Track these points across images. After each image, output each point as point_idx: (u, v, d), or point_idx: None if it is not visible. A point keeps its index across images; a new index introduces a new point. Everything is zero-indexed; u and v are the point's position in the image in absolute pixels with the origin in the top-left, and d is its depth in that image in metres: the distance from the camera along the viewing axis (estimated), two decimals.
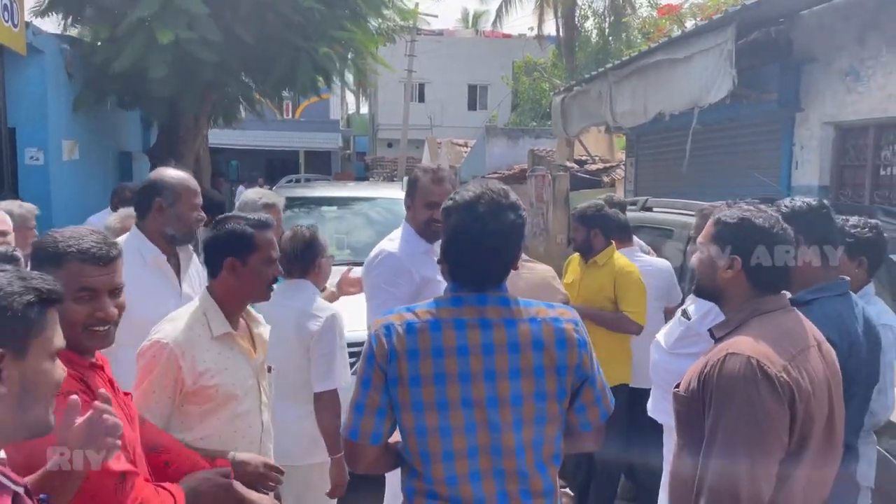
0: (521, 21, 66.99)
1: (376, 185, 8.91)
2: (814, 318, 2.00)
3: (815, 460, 1.80)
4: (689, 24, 9.73)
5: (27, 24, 7.31)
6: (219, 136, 16.62)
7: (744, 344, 1.76)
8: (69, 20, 8.99)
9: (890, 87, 5.78)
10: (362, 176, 29.69)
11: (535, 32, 24.47)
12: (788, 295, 1.97)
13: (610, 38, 21.53)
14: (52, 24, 8.89)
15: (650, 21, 17.28)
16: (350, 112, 42.68)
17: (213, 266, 2.32)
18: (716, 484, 1.72)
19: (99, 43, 8.13)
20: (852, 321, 2.24)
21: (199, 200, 2.90)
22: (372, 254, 3.00)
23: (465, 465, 1.75)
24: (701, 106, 6.66)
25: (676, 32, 8.22)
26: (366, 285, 3.02)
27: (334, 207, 6.18)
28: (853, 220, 2.89)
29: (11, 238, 3.21)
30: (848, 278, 2.39)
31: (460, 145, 22.85)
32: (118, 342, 1.82)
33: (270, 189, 7.10)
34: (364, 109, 42.37)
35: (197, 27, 7.70)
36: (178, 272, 2.89)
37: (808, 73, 6.70)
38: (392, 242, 3.02)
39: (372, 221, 5.81)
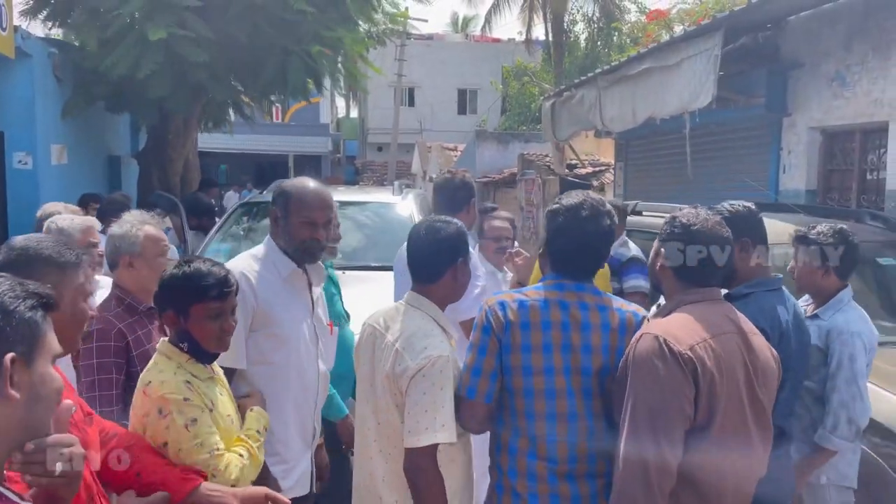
0: (510, 26, 67.21)
1: (366, 190, 8.91)
2: (749, 309, 2.22)
3: (737, 438, 1.94)
4: (678, 29, 9.81)
5: (16, 28, 7.28)
6: (208, 141, 16.57)
7: (656, 326, 1.98)
8: (56, 23, 8.95)
9: (875, 92, 5.84)
10: (352, 180, 29.65)
11: (524, 37, 24.55)
12: (723, 291, 2.21)
13: (599, 43, 21.64)
14: (37, 27, 8.85)
15: (639, 26, 17.39)
16: (340, 116, 42.65)
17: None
18: (627, 453, 1.90)
19: (87, 48, 8.08)
20: (783, 314, 2.42)
21: (322, 217, 2.54)
22: None
23: (564, 427, 2.07)
24: (689, 111, 6.71)
25: (665, 38, 8.28)
26: None
27: None
28: (819, 227, 3.01)
29: (101, 249, 3.09)
30: (780, 276, 2.59)
31: (450, 149, 22.87)
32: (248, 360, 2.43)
33: (261, 193, 7.09)
34: (354, 113, 42.36)
35: (188, 25, 7.70)
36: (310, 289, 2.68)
37: (795, 79, 6.76)
38: None
39: (361, 225, 5.80)
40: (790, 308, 2.48)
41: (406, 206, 5.96)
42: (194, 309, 2.07)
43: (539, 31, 23.75)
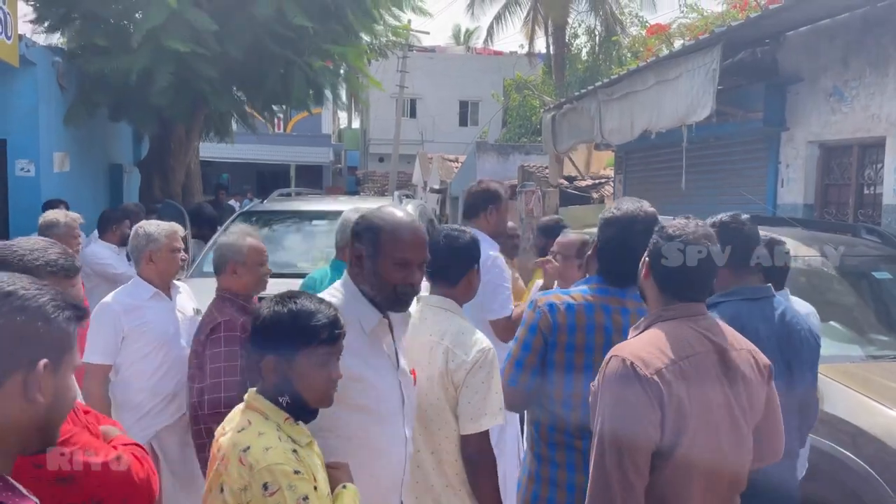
0: (511, 38, 67.42)
1: (367, 199, 8.94)
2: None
3: (708, 458, 1.91)
4: (678, 43, 9.88)
5: (20, 37, 7.33)
6: (210, 150, 16.63)
7: (626, 347, 1.96)
8: (60, 31, 9.00)
9: (873, 107, 5.88)
10: (353, 190, 29.70)
11: (525, 50, 24.69)
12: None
13: (600, 56, 21.75)
14: (40, 36, 8.90)
15: (639, 40, 17.49)
16: (342, 126, 42.78)
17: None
18: (594, 474, 1.92)
19: (98, 43, 8.12)
20: (756, 322, 2.46)
21: (419, 257, 2.13)
22: (482, 258, 3.44)
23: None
24: (687, 124, 6.75)
25: (665, 52, 8.34)
26: (486, 280, 3.46)
27: (325, 221, 6.20)
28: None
29: (182, 255, 3.39)
30: (767, 285, 2.63)
31: (451, 160, 22.95)
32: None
33: (262, 202, 7.12)
34: (356, 124, 42.49)
35: (205, 42, 7.76)
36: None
37: (793, 93, 6.80)
38: (489, 248, 3.60)
39: None
40: (772, 317, 2.51)
41: None
42: (302, 355, 1.76)
43: (540, 45, 23.90)
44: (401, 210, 2.22)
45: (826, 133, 6.45)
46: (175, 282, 3.40)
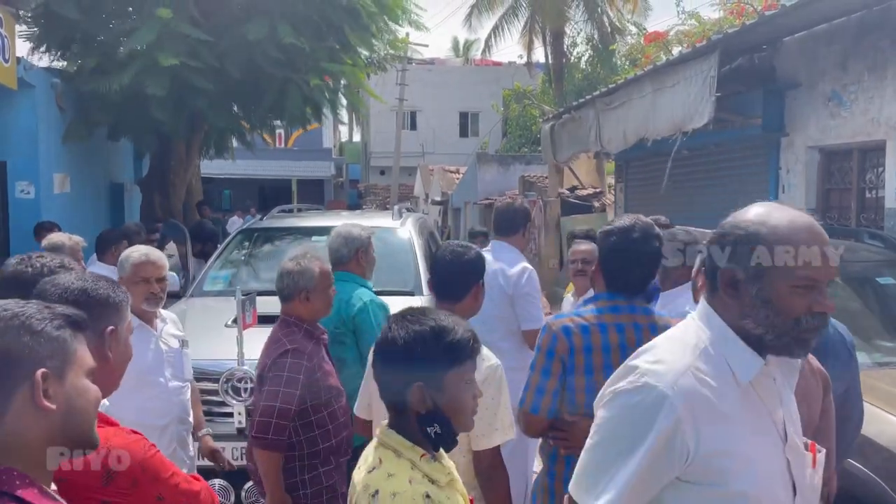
0: (510, 49, 67.67)
1: (366, 214, 8.94)
2: None
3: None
4: (676, 50, 9.87)
5: (18, 59, 7.36)
6: (211, 166, 16.70)
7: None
8: (57, 55, 9.05)
9: (872, 111, 5.86)
10: (355, 203, 29.76)
11: (524, 60, 24.74)
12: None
13: (598, 65, 21.79)
14: (34, 53, 8.93)
15: (637, 48, 17.51)
16: (343, 140, 42.92)
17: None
18: None
19: (91, 66, 8.16)
20: None
21: (826, 272, 1.45)
22: (517, 269, 3.76)
23: None
24: (684, 132, 6.73)
25: (663, 59, 8.33)
26: (523, 292, 3.71)
27: (325, 238, 6.19)
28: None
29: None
30: None
31: (452, 172, 22.98)
32: None
33: (261, 219, 7.12)
34: (357, 137, 42.62)
35: (199, 55, 7.79)
36: None
37: (791, 99, 6.79)
38: (523, 262, 3.86)
39: None
40: None
41: (405, 231, 5.98)
42: (449, 378, 1.58)
43: (539, 55, 23.95)
44: (787, 207, 1.49)
45: (826, 138, 6.43)
46: (162, 311, 3.24)
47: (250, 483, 3.79)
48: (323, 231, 6.38)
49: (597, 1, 21.47)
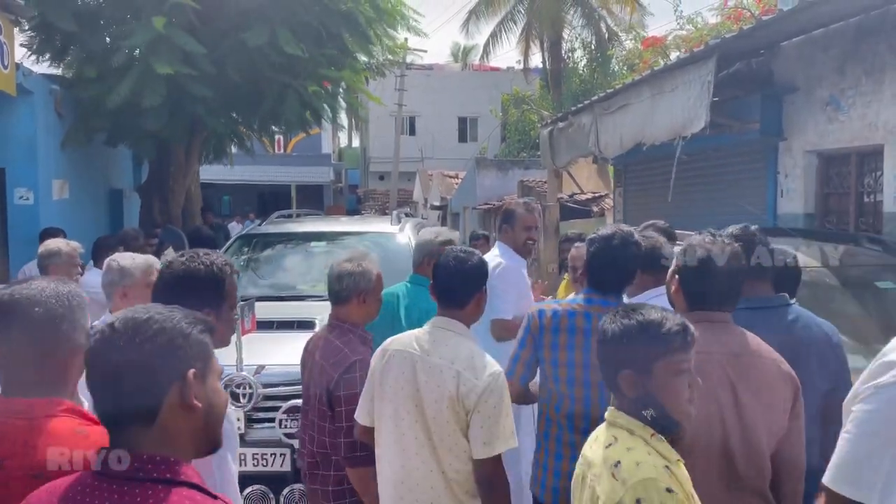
0: (508, 54, 67.85)
1: (366, 220, 8.95)
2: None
3: (711, 450, 2.05)
4: (674, 56, 9.90)
5: (17, 66, 7.37)
6: (210, 172, 16.69)
7: None
8: (56, 63, 9.05)
9: (870, 115, 5.87)
10: (354, 208, 29.77)
11: (522, 65, 24.79)
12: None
13: (596, 70, 21.83)
14: (36, 63, 8.94)
15: (635, 53, 17.55)
16: (342, 146, 42.96)
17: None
18: None
19: (86, 76, 8.16)
20: (759, 331, 2.46)
21: None
22: (491, 265, 3.59)
23: (581, 403, 2.63)
24: (683, 137, 6.74)
25: (661, 64, 8.35)
26: (490, 284, 3.72)
27: (323, 243, 6.20)
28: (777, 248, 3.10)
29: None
30: (783, 294, 2.72)
31: (451, 177, 23.00)
32: None
33: (261, 224, 7.12)
34: (356, 143, 42.66)
35: (194, 63, 7.79)
36: None
37: (789, 103, 6.80)
38: (498, 258, 3.93)
39: None
40: (780, 326, 2.56)
41: (404, 236, 5.98)
42: (659, 366, 1.73)
43: (537, 59, 24.01)
44: None
45: (824, 142, 6.44)
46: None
47: (289, 488, 3.80)
48: (322, 236, 6.39)
49: (594, 6, 21.52)
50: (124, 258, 3.10)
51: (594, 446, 1.79)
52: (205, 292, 2.06)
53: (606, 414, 1.82)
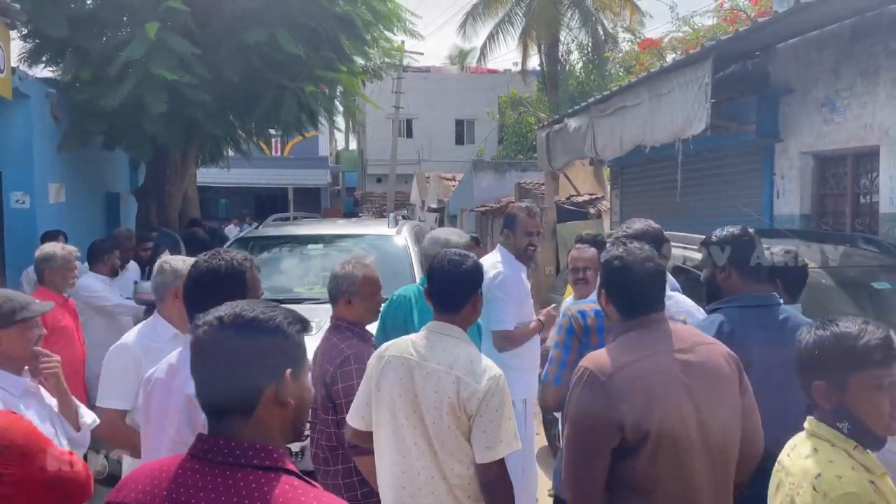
0: (505, 57, 67.98)
1: (363, 223, 8.96)
2: (706, 321, 2.66)
3: (677, 444, 2.10)
4: (670, 57, 9.92)
5: (13, 70, 7.35)
6: (208, 175, 16.68)
7: (590, 357, 2.23)
8: (52, 69, 9.03)
9: (865, 116, 5.88)
10: (352, 211, 29.76)
11: (519, 68, 24.80)
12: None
13: (593, 72, 21.85)
14: (30, 68, 8.91)
15: (632, 55, 17.58)
16: (339, 148, 42.94)
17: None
18: (564, 465, 2.21)
19: (83, 79, 8.15)
20: (751, 329, 2.62)
21: None
22: (491, 273, 3.63)
23: None
24: (682, 139, 6.75)
25: (657, 66, 8.36)
26: (490, 295, 3.57)
27: (320, 245, 6.20)
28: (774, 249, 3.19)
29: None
30: (772, 294, 2.78)
31: (448, 179, 23.01)
32: None
33: (257, 227, 7.12)
34: (353, 145, 42.66)
35: (192, 69, 7.77)
36: None
37: (785, 105, 6.81)
38: (499, 266, 3.85)
39: None
40: (772, 324, 2.65)
41: (401, 238, 5.99)
42: (855, 379, 1.68)
43: (534, 62, 24.01)
44: None
45: (819, 143, 6.45)
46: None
47: None
48: (318, 239, 6.39)
49: (591, 9, 21.55)
50: (176, 260, 3.05)
51: (792, 455, 1.76)
52: (228, 287, 2.12)
53: (806, 424, 1.78)
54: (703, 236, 3.00)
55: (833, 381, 1.69)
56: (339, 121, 11.44)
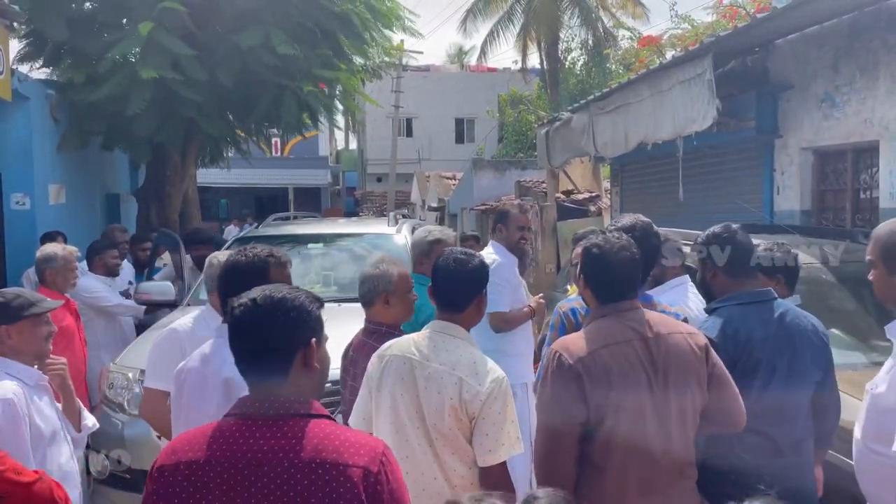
0: (505, 55, 67.86)
1: (364, 222, 8.95)
2: (707, 324, 2.70)
3: (636, 428, 2.22)
4: (669, 54, 9.90)
5: (13, 71, 7.35)
6: (208, 176, 16.69)
7: (561, 341, 2.36)
8: (50, 70, 9.02)
9: (865, 112, 5.88)
10: (352, 210, 29.77)
11: (519, 66, 24.80)
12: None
13: (593, 70, 21.84)
14: (30, 70, 8.91)
15: (631, 52, 17.55)
16: (339, 148, 42.93)
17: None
18: (535, 447, 2.34)
19: (76, 81, 8.15)
20: (751, 325, 2.67)
21: None
22: (487, 261, 3.79)
23: None
24: (684, 135, 6.75)
25: (657, 63, 8.35)
26: (492, 282, 3.81)
27: (320, 245, 6.20)
28: (763, 244, 3.24)
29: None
30: (768, 289, 2.84)
31: (448, 178, 23.00)
32: None
33: (257, 227, 7.11)
34: (353, 145, 42.65)
35: (183, 68, 7.76)
36: None
37: (785, 100, 6.81)
38: (493, 255, 4.05)
39: (357, 257, 5.80)
40: (770, 319, 2.70)
41: (401, 237, 5.98)
42: None
43: (534, 60, 24.02)
44: None
45: (819, 139, 6.45)
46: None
47: None
48: (319, 239, 6.38)
49: (591, 6, 21.54)
50: (223, 255, 3.13)
51: None
52: (250, 281, 2.09)
53: None
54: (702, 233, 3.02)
55: None
56: (339, 120, 11.42)
